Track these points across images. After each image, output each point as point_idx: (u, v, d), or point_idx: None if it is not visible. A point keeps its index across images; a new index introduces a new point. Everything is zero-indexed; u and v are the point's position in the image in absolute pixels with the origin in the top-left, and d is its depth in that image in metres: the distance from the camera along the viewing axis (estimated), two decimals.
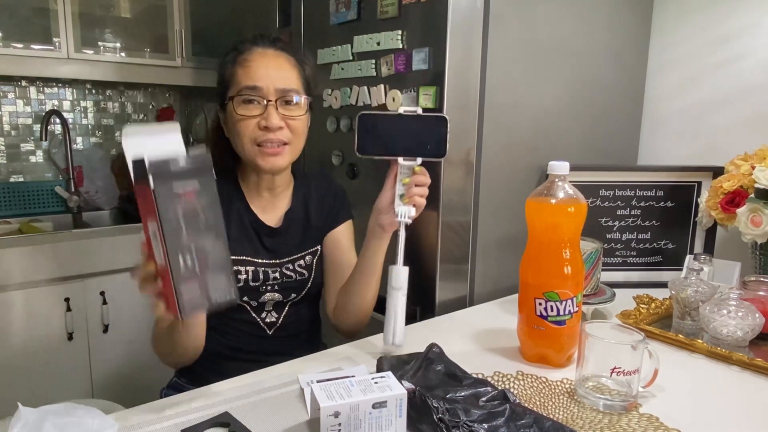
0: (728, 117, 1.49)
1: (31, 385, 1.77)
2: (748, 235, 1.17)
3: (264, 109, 0.96)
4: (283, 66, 0.99)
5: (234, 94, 0.97)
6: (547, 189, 0.91)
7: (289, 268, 1.07)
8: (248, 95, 0.96)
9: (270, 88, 0.96)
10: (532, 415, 0.71)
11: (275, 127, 0.96)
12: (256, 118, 0.96)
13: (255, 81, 0.95)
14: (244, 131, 0.97)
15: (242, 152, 1.00)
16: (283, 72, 0.98)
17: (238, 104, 0.96)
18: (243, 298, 1.04)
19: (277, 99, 0.97)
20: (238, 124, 0.97)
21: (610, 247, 1.40)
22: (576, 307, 0.91)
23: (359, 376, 0.73)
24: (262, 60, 0.98)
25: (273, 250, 1.05)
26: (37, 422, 0.62)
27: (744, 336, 0.98)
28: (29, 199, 2.24)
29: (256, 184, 1.06)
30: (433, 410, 0.68)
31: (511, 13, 1.25)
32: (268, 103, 0.96)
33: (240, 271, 1.02)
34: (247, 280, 1.03)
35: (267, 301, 1.06)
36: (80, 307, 1.83)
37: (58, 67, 2.06)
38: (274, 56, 0.99)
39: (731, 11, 1.47)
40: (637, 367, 0.78)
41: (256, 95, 0.96)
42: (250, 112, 0.96)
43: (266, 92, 0.96)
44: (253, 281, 1.03)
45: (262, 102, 0.96)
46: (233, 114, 0.97)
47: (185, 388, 1.05)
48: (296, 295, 1.09)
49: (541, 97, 1.35)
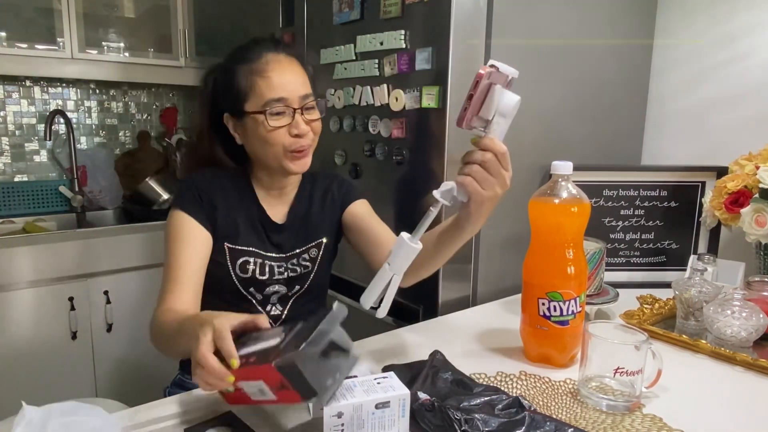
0: (732, 117, 1.49)
1: (36, 383, 1.78)
2: (752, 235, 1.16)
3: (292, 118, 0.98)
4: (297, 72, 1.01)
5: (259, 108, 0.97)
6: (550, 189, 0.91)
7: (293, 262, 1.08)
8: (277, 108, 0.97)
9: (294, 97, 0.98)
10: (553, 422, 0.70)
11: (305, 133, 0.99)
12: (286, 127, 0.98)
13: (280, 93, 0.97)
14: (276, 140, 0.98)
15: (269, 159, 1.01)
16: (299, 78, 1.00)
17: (269, 117, 0.97)
18: (249, 289, 1.05)
19: (302, 106, 0.99)
20: (269, 134, 0.98)
21: (614, 247, 1.39)
22: (579, 307, 0.91)
23: (362, 375, 0.73)
24: (279, 68, 0.99)
25: (279, 245, 1.07)
26: (42, 421, 0.62)
27: (748, 336, 0.97)
28: (33, 199, 2.25)
29: (268, 183, 1.07)
30: (456, 423, 0.68)
31: (514, 13, 1.25)
32: (294, 111, 0.98)
33: (248, 262, 1.04)
34: (255, 272, 1.04)
35: (272, 293, 1.07)
36: (84, 306, 1.84)
37: (62, 67, 2.06)
38: (288, 63, 1.00)
39: (735, 11, 1.46)
40: (640, 367, 0.78)
41: (284, 106, 0.97)
42: (281, 123, 0.97)
43: (291, 101, 0.97)
44: (260, 274, 1.04)
45: (290, 111, 0.98)
46: (262, 126, 0.98)
47: (189, 386, 1.05)
48: (300, 287, 1.09)
49: (544, 97, 1.35)
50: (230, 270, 1.03)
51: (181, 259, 0.98)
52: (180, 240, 0.99)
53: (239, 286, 1.04)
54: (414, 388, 0.78)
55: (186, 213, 0.99)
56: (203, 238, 1.00)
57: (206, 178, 1.04)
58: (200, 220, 1.00)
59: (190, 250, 0.99)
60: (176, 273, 0.97)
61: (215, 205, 1.02)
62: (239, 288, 1.04)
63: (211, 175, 1.05)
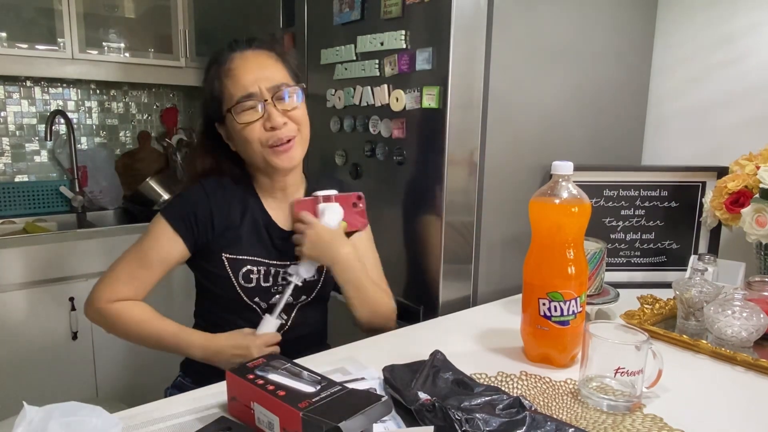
0: (733, 117, 1.49)
1: (36, 384, 1.78)
2: (752, 235, 1.16)
3: (264, 111, 0.96)
4: (265, 63, 0.99)
5: (230, 107, 0.97)
6: (550, 189, 0.91)
7: None
8: (246, 104, 0.96)
9: (262, 90, 0.96)
10: (553, 422, 0.70)
11: (280, 124, 0.97)
12: (259, 121, 0.96)
13: (247, 89, 0.96)
14: (251, 136, 0.97)
15: (254, 157, 1.00)
16: (268, 69, 0.98)
17: (237, 114, 0.96)
18: (254, 299, 1.04)
19: (272, 96, 0.97)
20: (243, 132, 0.97)
21: (614, 247, 1.39)
22: (580, 307, 0.91)
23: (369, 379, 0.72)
24: (244, 64, 0.98)
25: (284, 251, 1.05)
26: (42, 421, 0.62)
27: (748, 336, 0.97)
28: (34, 199, 2.25)
29: (270, 186, 1.06)
30: (456, 423, 0.68)
31: (514, 13, 1.25)
32: (265, 103, 0.96)
33: (252, 270, 1.03)
34: (259, 279, 1.03)
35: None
36: None
37: (63, 67, 2.06)
38: (254, 56, 0.99)
39: (735, 11, 1.46)
40: (641, 367, 0.78)
41: (254, 101, 0.96)
42: (252, 118, 0.96)
43: (260, 95, 0.96)
44: (265, 282, 1.04)
45: (261, 104, 0.96)
46: (235, 125, 0.97)
47: (189, 388, 1.05)
48: (306, 297, 1.09)
49: (544, 97, 1.35)
50: (233, 281, 1.02)
51: (147, 261, 0.99)
52: (156, 243, 1.00)
53: (244, 296, 1.03)
54: (414, 387, 0.78)
55: (169, 223, 0.99)
56: (176, 252, 1.00)
57: (206, 192, 1.02)
58: (182, 235, 0.99)
59: (159, 256, 1.00)
60: (139, 271, 0.99)
61: (212, 219, 1.01)
62: (244, 298, 1.03)
63: (212, 188, 1.03)
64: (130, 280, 0.99)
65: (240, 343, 0.97)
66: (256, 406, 0.68)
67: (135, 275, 0.99)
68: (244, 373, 0.72)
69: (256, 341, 0.97)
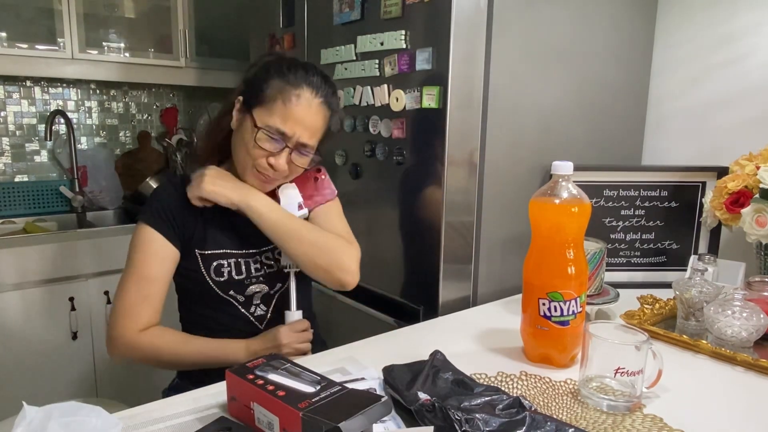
0: (733, 117, 1.49)
1: (36, 383, 1.78)
2: (752, 235, 1.16)
3: (279, 151, 0.97)
4: (317, 123, 0.99)
5: (262, 123, 0.96)
6: (550, 189, 0.91)
7: (268, 257, 1.07)
8: (273, 135, 0.96)
9: (294, 138, 0.97)
10: (553, 422, 0.70)
11: (281, 168, 0.98)
12: (268, 152, 0.97)
13: (286, 129, 0.96)
14: (252, 152, 0.97)
15: (238, 160, 1.01)
16: (314, 129, 0.99)
17: (259, 132, 0.96)
18: (229, 293, 1.05)
19: (294, 149, 0.98)
20: (249, 142, 0.97)
21: (614, 247, 1.39)
22: (580, 307, 0.91)
23: (369, 379, 0.72)
24: (304, 111, 0.97)
25: (248, 238, 1.05)
26: (42, 421, 0.62)
27: (748, 336, 0.97)
28: (34, 199, 2.25)
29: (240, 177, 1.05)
30: (456, 423, 0.68)
31: (514, 14, 1.25)
32: (284, 148, 0.97)
33: (223, 264, 1.03)
34: (231, 272, 1.04)
35: (254, 293, 1.06)
36: (85, 306, 1.84)
37: (63, 67, 2.06)
38: (316, 111, 0.98)
39: (735, 11, 1.46)
40: (641, 367, 0.78)
41: (280, 138, 0.96)
42: (265, 145, 0.96)
43: (289, 140, 0.97)
44: (237, 274, 1.04)
45: (281, 144, 0.97)
46: (250, 135, 0.97)
47: (186, 389, 1.05)
48: (282, 285, 1.09)
49: (544, 98, 1.35)
50: (205, 276, 1.02)
51: (150, 275, 0.98)
52: (149, 254, 0.99)
53: (218, 290, 1.03)
54: (414, 388, 0.78)
55: (152, 228, 0.99)
56: (170, 254, 1.00)
57: (174, 188, 1.02)
58: (167, 236, 0.99)
59: (158, 265, 0.99)
60: (146, 289, 0.98)
61: (183, 216, 1.01)
62: (218, 293, 1.03)
63: (179, 182, 1.03)
64: (143, 300, 0.98)
65: (269, 336, 1.03)
66: (255, 406, 0.69)
67: (144, 294, 0.98)
68: (243, 373, 0.72)
69: (281, 328, 1.03)
